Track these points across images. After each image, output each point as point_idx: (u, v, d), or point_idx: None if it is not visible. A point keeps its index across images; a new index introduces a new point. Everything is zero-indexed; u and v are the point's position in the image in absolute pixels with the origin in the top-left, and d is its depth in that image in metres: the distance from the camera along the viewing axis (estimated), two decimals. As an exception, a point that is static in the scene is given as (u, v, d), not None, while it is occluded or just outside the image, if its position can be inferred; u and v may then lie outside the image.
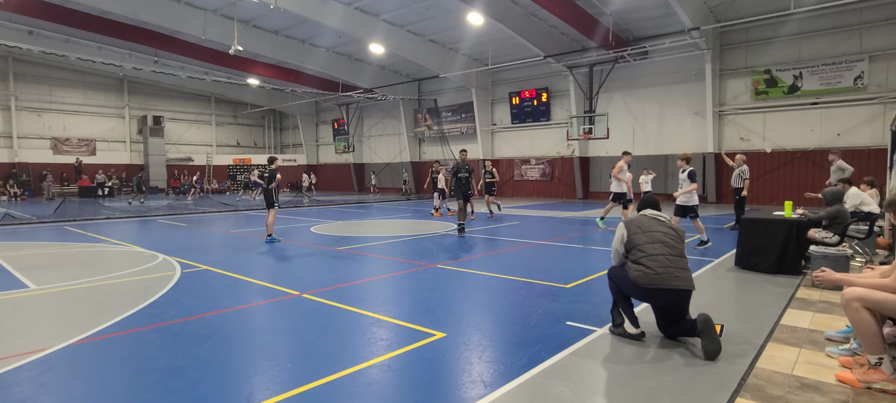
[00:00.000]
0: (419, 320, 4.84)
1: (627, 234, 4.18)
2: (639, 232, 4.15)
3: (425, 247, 9.60)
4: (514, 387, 3.32)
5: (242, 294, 6.05)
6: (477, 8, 17.47)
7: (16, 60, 27.90)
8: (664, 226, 4.21)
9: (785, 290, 5.81)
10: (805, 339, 4.17)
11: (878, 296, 3.25)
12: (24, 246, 9.86)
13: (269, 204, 10.64)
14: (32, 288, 6.28)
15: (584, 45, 21.26)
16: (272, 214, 10.62)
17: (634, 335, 4.15)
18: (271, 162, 10.86)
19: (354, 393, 3.26)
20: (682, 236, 4.20)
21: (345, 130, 34.27)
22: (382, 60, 26.74)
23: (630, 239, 4.15)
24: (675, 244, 4.10)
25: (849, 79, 17.22)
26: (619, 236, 4.25)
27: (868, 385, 3.21)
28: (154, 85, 32.50)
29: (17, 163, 27.85)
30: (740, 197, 11.48)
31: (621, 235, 4.23)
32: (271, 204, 10.62)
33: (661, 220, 4.28)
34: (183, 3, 20.08)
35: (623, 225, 4.28)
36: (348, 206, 21.19)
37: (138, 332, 4.54)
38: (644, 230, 4.16)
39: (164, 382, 3.44)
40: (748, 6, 17.53)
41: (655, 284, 3.91)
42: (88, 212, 17.41)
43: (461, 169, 11.00)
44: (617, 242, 4.27)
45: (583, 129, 21.50)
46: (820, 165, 17.42)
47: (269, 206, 10.64)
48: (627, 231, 4.20)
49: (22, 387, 3.38)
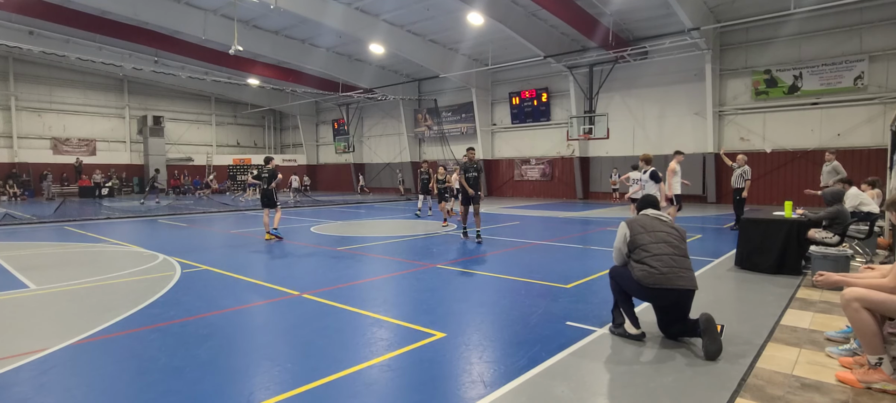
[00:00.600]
0: (419, 320, 4.84)
1: (630, 234, 4.16)
2: (642, 232, 4.14)
3: (425, 247, 9.60)
4: (514, 387, 3.32)
5: (242, 294, 6.05)
6: (477, 8, 17.47)
7: (16, 60, 27.90)
8: (667, 226, 4.21)
9: (785, 290, 5.81)
10: (805, 339, 4.17)
11: (877, 297, 3.25)
12: (24, 246, 9.86)
13: (270, 205, 10.64)
14: (32, 289, 6.28)
15: (584, 45, 21.26)
16: (278, 215, 10.64)
17: (635, 335, 4.15)
18: (268, 161, 10.83)
19: (354, 393, 3.26)
20: (684, 236, 4.21)
21: (345, 130, 34.28)
22: (382, 60, 26.74)
23: (633, 238, 4.13)
24: (679, 244, 4.11)
25: (849, 80, 17.22)
26: (622, 235, 4.22)
27: (868, 385, 3.21)
28: (154, 85, 32.50)
29: (17, 163, 27.85)
30: (740, 197, 11.45)
31: (624, 234, 4.20)
32: (273, 204, 10.63)
33: (664, 220, 4.28)
34: (183, 4, 20.09)
35: (625, 225, 4.26)
36: (348, 206, 21.18)
37: (138, 332, 4.54)
38: (647, 230, 4.16)
39: (164, 382, 3.44)
40: (748, 6, 17.53)
41: (660, 284, 3.91)
42: (88, 212, 17.41)
43: (470, 168, 10.42)
44: (619, 241, 4.24)
45: (583, 129, 21.50)
46: (820, 165, 17.26)
47: (270, 206, 10.65)
48: (630, 230, 4.18)
49: (22, 387, 3.38)
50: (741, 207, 11.41)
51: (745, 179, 11.43)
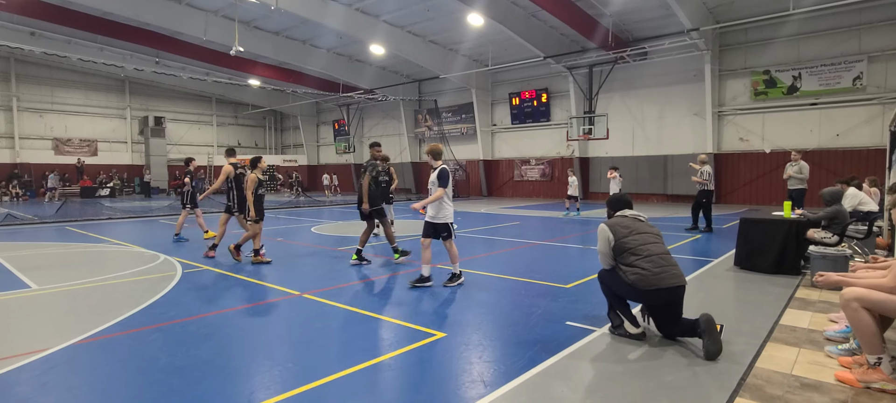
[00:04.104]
0: (419, 320, 4.85)
1: (614, 237, 4.11)
2: (628, 235, 4.11)
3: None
4: (513, 387, 3.33)
5: (243, 294, 6.06)
6: (477, 9, 17.49)
7: (18, 61, 27.94)
8: (647, 225, 4.25)
9: (784, 290, 5.82)
10: (804, 339, 4.18)
11: (877, 297, 3.26)
12: (25, 247, 9.88)
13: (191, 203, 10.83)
14: (34, 289, 6.30)
15: (583, 46, 21.27)
16: (197, 217, 10.87)
17: (635, 335, 4.15)
18: (188, 162, 11.11)
19: (354, 393, 3.27)
20: (660, 234, 4.27)
21: (345, 131, 34.31)
22: (383, 61, 26.76)
23: (619, 242, 4.09)
24: (661, 242, 4.17)
25: (848, 80, 17.23)
26: (605, 239, 4.15)
27: (867, 384, 3.22)
28: (155, 86, 32.53)
29: (19, 164, 27.88)
30: (705, 199, 11.09)
31: (607, 238, 4.14)
32: (192, 204, 10.85)
33: (642, 220, 4.29)
34: (184, 5, 20.12)
35: (607, 228, 4.17)
36: (349, 207, 21.19)
37: (139, 332, 4.55)
38: (632, 232, 4.14)
39: (165, 382, 3.46)
40: (747, 7, 17.54)
41: (654, 285, 3.91)
42: (90, 213, 17.43)
43: (381, 171, 8.32)
44: (603, 245, 4.17)
45: (583, 130, 21.51)
46: (820, 166, 17.41)
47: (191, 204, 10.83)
48: (613, 234, 4.13)
49: (23, 387, 3.39)
50: (708, 208, 11.08)
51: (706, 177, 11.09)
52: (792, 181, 10.80)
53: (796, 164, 10.79)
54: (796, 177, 10.70)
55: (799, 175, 10.61)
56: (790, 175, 10.76)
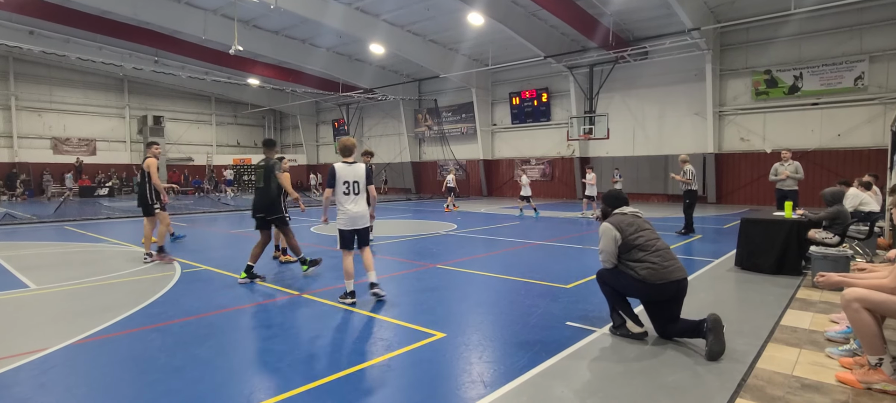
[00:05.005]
0: (419, 320, 4.84)
1: (621, 236, 4.10)
2: (635, 233, 4.12)
3: (425, 247, 9.60)
4: (514, 387, 3.32)
5: (242, 294, 6.05)
6: (477, 8, 17.46)
7: (16, 60, 27.89)
8: (646, 222, 4.30)
9: (785, 291, 5.81)
10: (805, 340, 4.17)
11: (878, 297, 3.25)
12: (24, 246, 9.86)
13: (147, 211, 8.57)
14: (33, 288, 6.28)
15: (584, 46, 21.26)
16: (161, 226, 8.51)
17: (638, 334, 4.15)
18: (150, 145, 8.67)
19: (354, 393, 3.26)
20: (656, 230, 4.36)
21: (345, 130, 34.27)
22: (383, 60, 26.74)
23: (626, 240, 4.09)
24: (660, 237, 4.24)
25: (849, 80, 17.21)
26: (611, 238, 4.12)
27: (868, 385, 3.21)
28: (154, 85, 32.49)
29: (17, 163, 27.84)
30: (689, 200, 11.00)
31: (613, 237, 4.11)
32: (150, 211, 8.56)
33: (640, 216, 4.33)
34: (183, 3, 20.09)
35: (612, 227, 4.14)
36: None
37: (138, 332, 4.54)
38: (637, 228, 4.16)
39: (164, 382, 3.44)
40: (748, 6, 17.52)
41: (665, 278, 3.97)
42: (88, 212, 17.41)
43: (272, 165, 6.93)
44: (609, 244, 4.14)
45: (583, 130, 21.48)
46: (821, 166, 17.42)
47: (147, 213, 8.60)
48: (620, 232, 4.11)
49: (22, 387, 3.38)
50: (690, 209, 11.00)
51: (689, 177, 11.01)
52: (788, 181, 10.72)
53: (791, 164, 10.71)
54: (793, 177, 10.64)
55: (795, 175, 10.53)
56: (787, 175, 10.69)
